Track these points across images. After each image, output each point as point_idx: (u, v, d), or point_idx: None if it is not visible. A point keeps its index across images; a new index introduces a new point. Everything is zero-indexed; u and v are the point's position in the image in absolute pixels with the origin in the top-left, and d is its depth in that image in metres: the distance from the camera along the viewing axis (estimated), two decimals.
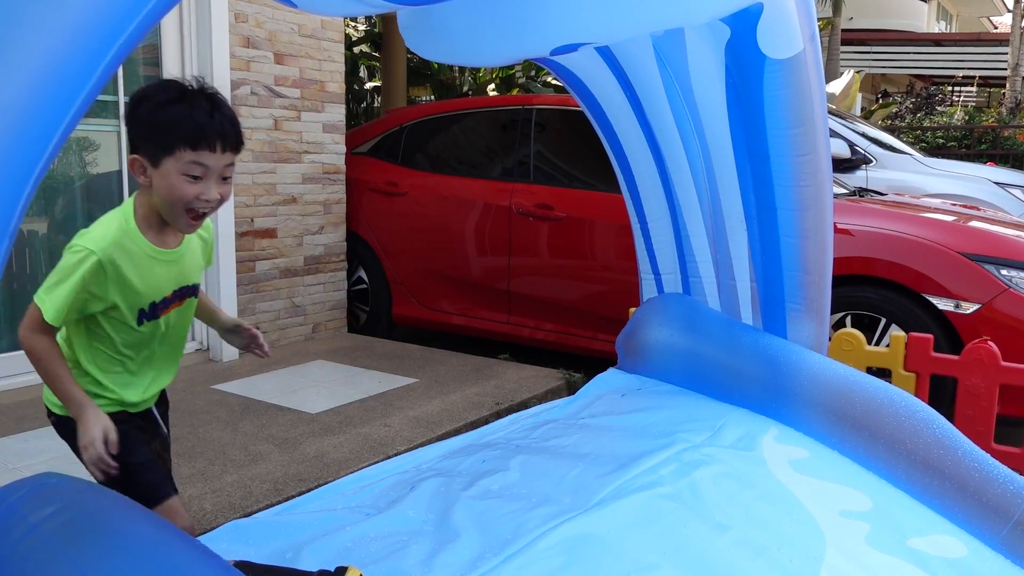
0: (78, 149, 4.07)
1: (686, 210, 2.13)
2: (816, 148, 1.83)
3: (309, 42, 4.87)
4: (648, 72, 1.90)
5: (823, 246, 1.90)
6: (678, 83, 1.89)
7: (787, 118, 1.79)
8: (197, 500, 2.72)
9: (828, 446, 1.63)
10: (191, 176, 1.65)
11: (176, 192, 1.66)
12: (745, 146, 1.88)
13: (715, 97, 1.86)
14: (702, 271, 2.20)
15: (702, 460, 1.53)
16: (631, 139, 2.08)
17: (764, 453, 1.54)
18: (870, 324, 3.65)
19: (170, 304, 1.87)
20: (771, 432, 1.64)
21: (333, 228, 5.15)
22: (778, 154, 1.83)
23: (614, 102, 2.02)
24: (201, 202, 1.67)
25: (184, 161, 1.63)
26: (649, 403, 1.92)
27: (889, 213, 3.97)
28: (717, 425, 1.69)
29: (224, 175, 1.69)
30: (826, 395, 1.68)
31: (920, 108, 15.06)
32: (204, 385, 4.05)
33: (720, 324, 2.04)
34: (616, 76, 1.96)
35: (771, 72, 1.73)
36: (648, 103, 1.97)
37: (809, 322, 1.93)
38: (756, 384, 1.79)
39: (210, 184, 1.66)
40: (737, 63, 1.76)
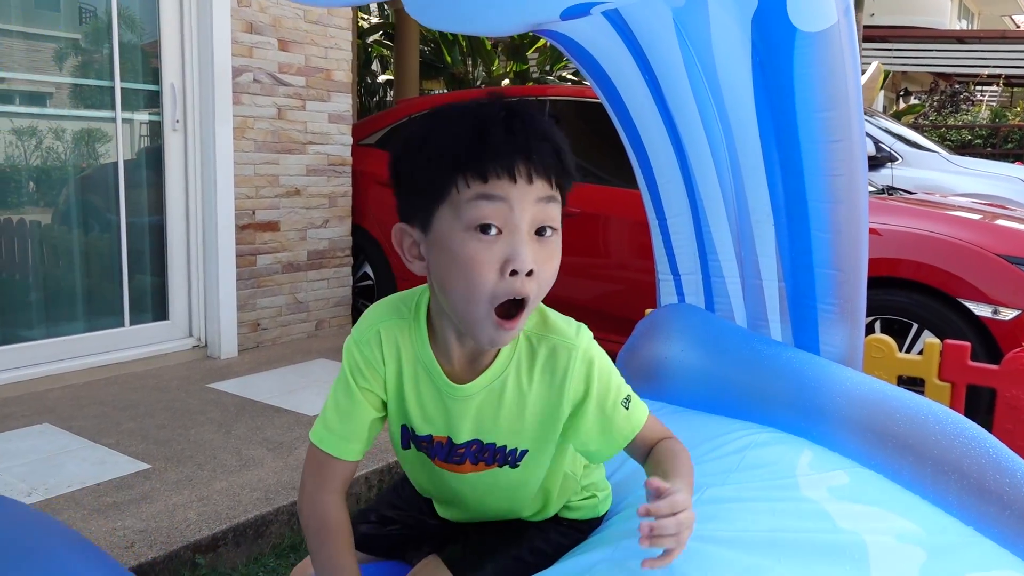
0: (73, 139, 3.93)
1: (708, 203, 1.95)
2: (850, 133, 1.65)
3: (315, 28, 4.71)
4: (667, 48, 1.71)
5: (858, 242, 1.71)
6: (699, 61, 1.71)
7: (819, 99, 1.61)
8: (182, 509, 2.56)
9: (869, 469, 1.44)
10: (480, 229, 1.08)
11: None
12: (773, 131, 1.70)
13: (740, 76, 1.67)
14: (725, 270, 2.01)
15: (729, 495, 1.34)
16: (648, 124, 1.90)
17: (799, 480, 1.36)
18: (901, 330, 3.45)
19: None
20: (805, 456, 1.45)
21: (338, 222, 4.99)
22: (809, 140, 1.65)
23: (630, 83, 1.84)
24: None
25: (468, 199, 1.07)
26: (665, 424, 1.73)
27: (920, 211, 3.78)
28: (742, 448, 1.50)
29: (539, 224, 1.09)
30: (863, 414, 1.49)
31: (944, 106, 14.77)
32: (199, 383, 3.89)
33: (738, 338, 1.85)
34: (632, 53, 1.77)
35: (802, 47, 1.54)
36: (667, 83, 1.79)
37: (843, 326, 1.75)
38: (783, 405, 1.60)
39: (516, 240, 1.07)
40: (765, 37, 1.58)
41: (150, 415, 3.41)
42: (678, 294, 2.10)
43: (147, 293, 4.23)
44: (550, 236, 1.10)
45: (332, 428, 1.28)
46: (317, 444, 1.29)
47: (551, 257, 1.11)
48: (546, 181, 1.08)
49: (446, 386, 1.24)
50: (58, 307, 3.91)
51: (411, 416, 1.29)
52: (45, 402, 3.53)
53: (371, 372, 1.27)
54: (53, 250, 3.93)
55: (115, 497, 2.63)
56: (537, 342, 1.24)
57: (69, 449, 3.02)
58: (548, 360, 1.23)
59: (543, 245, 1.10)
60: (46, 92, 3.86)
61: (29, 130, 3.79)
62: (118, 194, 4.02)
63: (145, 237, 4.18)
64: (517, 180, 1.06)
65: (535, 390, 1.24)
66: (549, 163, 1.09)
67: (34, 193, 3.83)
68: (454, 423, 1.26)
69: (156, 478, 2.79)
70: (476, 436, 1.27)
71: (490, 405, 1.24)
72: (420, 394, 1.27)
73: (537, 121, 1.10)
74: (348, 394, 1.28)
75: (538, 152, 1.07)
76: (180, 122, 4.18)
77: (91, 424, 3.28)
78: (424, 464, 1.35)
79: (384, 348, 1.26)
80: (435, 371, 1.24)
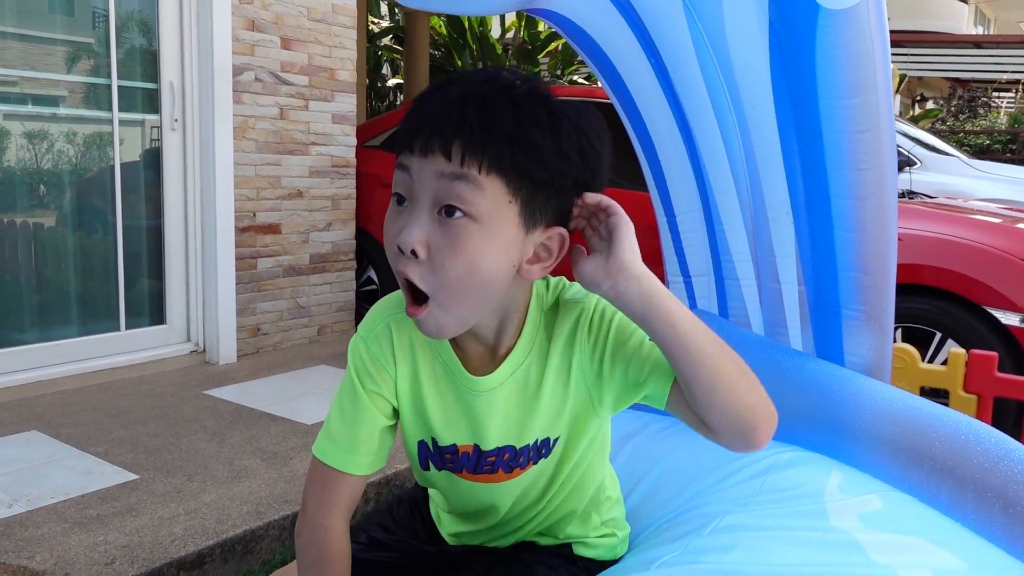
0: (69, 138, 3.82)
1: (720, 199, 1.81)
2: (878, 123, 1.51)
3: (319, 27, 4.60)
4: (674, 27, 1.58)
5: (885, 241, 1.57)
6: (710, 41, 1.57)
7: (844, 85, 1.47)
8: (167, 523, 2.44)
9: (903, 492, 1.29)
10: (395, 198, 1.02)
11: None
12: (792, 121, 1.56)
13: (756, 60, 1.54)
14: (740, 272, 1.87)
15: (750, 523, 1.20)
16: (654, 112, 1.76)
17: (828, 506, 1.22)
18: (923, 339, 3.30)
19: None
20: (834, 478, 1.31)
21: (342, 225, 4.87)
22: (832, 130, 1.51)
23: (633, 66, 1.70)
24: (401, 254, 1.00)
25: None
26: (672, 448, 1.58)
27: (941, 215, 3.63)
28: (764, 471, 1.36)
29: (441, 203, 0.97)
30: (895, 432, 1.35)
31: (962, 111, 14.58)
32: (196, 390, 3.78)
33: (755, 347, 1.70)
34: (635, 32, 1.64)
35: (825, 26, 1.41)
36: (674, 67, 1.65)
37: (869, 333, 1.61)
38: (806, 421, 1.46)
39: (411, 216, 0.99)
40: (784, 15, 1.45)
41: (142, 423, 3.29)
42: (689, 298, 1.97)
43: (144, 297, 4.12)
44: (459, 219, 0.96)
45: (336, 439, 1.15)
46: (320, 457, 1.16)
47: (453, 244, 0.97)
48: (444, 156, 0.96)
49: (467, 380, 1.12)
50: (52, 311, 3.81)
51: (432, 423, 1.16)
52: (35, 408, 3.42)
53: (379, 373, 1.15)
54: (47, 252, 3.82)
55: (99, 509, 2.51)
56: (555, 318, 1.13)
57: (55, 458, 2.90)
58: (564, 330, 1.12)
59: (445, 228, 0.97)
60: (40, 91, 3.76)
61: (22, 130, 3.69)
62: (114, 195, 3.92)
63: (142, 239, 4.07)
64: (414, 151, 0.98)
65: (556, 367, 1.12)
66: (448, 136, 0.95)
67: (28, 194, 3.73)
68: (481, 426, 1.14)
69: (143, 489, 2.67)
70: (507, 442, 1.15)
71: (517, 399, 1.13)
72: (442, 395, 1.15)
73: (468, 88, 0.97)
74: (354, 398, 1.16)
75: (434, 123, 0.96)
76: (179, 121, 4.08)
77: (81, 432, 3.16)
78: (451, 483, 1.22)
79: (396, 344, 1.15)
80: (454, 366, 1.13)
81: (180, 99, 4.07)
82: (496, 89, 0.97)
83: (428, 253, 0.97)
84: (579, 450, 1.19)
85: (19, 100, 3.69)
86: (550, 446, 1.17)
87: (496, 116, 0.95)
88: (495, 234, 0.97)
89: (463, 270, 0.97)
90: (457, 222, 0.96)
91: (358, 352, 1.17)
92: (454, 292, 0.99)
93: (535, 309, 1.13)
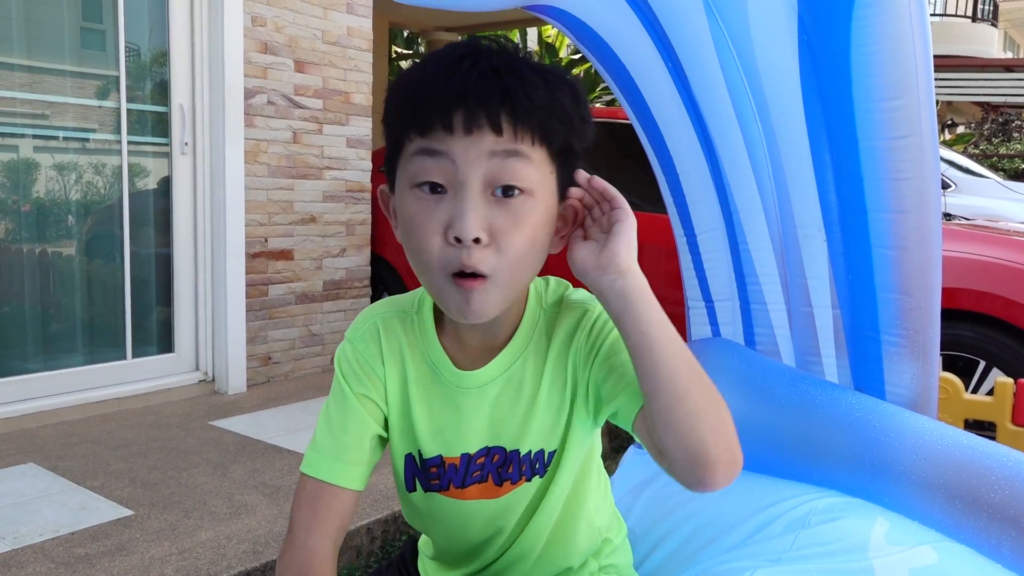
0: (76, 162, 3.74)
1: (745, 216, 1.65)
2: (920, 128, 1.36)
3: (334, 50, 4.52)
4: (694, 29, 1.44)
5: (929, 260, 1.42)
6: (733, 44, 1.43)
7: (882, 86, 1.32)
8: (158, 563, 2.30)
9: (959, 543, 1.13)
10: (425, 187, 0.94)
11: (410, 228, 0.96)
12: (824, 127, 1.42)
13: (784, 61, 1.39)
14: (767, 296, 1.70)
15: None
16: (672, 122, 1.61)
17: (874, 561, 1.05)
18: (966, 367, 3.10)
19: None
20: (879, 526, 1.14)
21: (356, 251, 4.76)
22: (869, 136, 1.36)
23: (648, 70, 1.56)
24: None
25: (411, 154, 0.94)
26: (694, 496, 1.42)
27: (980, 236, 3.45)
28: (801, 520, 1.20)
29: (497, 183, 0.92)
30: (947, 475, 1.18)
31: (995, 135, 14.33)
32: (201, 421, 3.65)
33: (786, 379, 1.54)
34: (651, 33, 1.50)
35: (861, 19, 1.26)
36: (694, 72, 1.51)
37: (912, 361, 1.44)
38: (845, 461, 1.29)
39: (463, 202, 0.91)
40: (814, 9, 1.30)
41: (143, 455, 3.17)
42: (711, 324, 1.80)
43: (152, 324, 4.01)
44: (517, 197, 0.92)
45: (323, 449, 1.07)
46: (306, 471, 1.07)
47: (516, 223, 0.92)
48: (493, 131, 0.90)
49: (455, 376, 1.07)
50: (56, 339, 3.71)
51: (418, 431, 1.09)
52: (35, 440, 3.31)
53: (368, 374, 1.08)
54: (53, 279, 3.73)
55: (88, 548, 2.38)
56: (556, 318, 1.08)
57: (49, 493, 2.78)
58: (564, 329, 1.07)
59: (505, 208, 0.92)
60: (47, 113, 3.69)
61: (28, 154, 3.62)
62: (122, 220, 3.83)
63: (151, 265, 3.98)
64: (454, 131, 0.90)
65: (552, 369, 1.07)
66: (496, 109, 0.89)
67: (33, 219, 3.64)
68: (467, 427, 1.08)
69: (136, 526, 2.54)
70: (496, 443, 1.08)
71: (509, 398, 1.07)
72: (429, 398, 1.09)
73: (493, 60, 0.91)
74: (342, 404, 1.08)
75: (478, 96, 0.89)
76: (189, 145, 3.99)
77: (78, 465, 3.04)
78: (437, 508, 1.13)
79: (384, 345, 1.09)
80: (443, 363, 1.08)
81: (191, 122, 3.99)
82: (515, 57, 0.93)
83: (490, 236, 0.92)
84: (572, 470, 1.11)
85: (26, 124, 3.62)
86: (545, 461, 1.09)
87: (532, 84, 0.91)
88: (546, 205, 0.96)
89: (526, 246, 0.94)
90: (515, 200, 0.92)
91: (345, 355, 1.10)
92: (516, 269, 0.95)
93: (534, 304, 1.09)
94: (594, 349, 1.04)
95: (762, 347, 1.72)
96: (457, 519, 1.13)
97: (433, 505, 1.13)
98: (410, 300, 1.13)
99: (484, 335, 1.07)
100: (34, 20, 3.58)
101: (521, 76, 0.91)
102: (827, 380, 1.56)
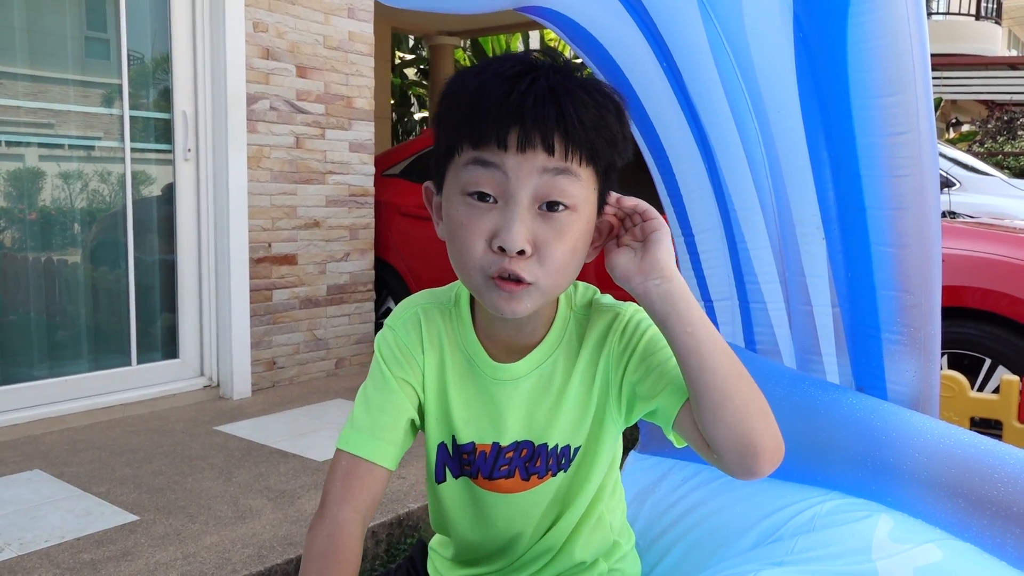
0: (79, 169, 3.76)
1: (743, 216, 1.65)
2: (918, 124, 1.35)
3: (335, 55, 4.53)
4: (689, 27, 1.43)
5: (928, 256, 1.41)
6: (728, 41, 1.43)
7: (879, 82, 1.31)
8: (163, 568, 2.30)
9: (963, 541, 1.12)
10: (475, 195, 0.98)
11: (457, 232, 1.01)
12: (821, 124, 1.41)
13: (780, 58, 1.39)
14: (766, 295, 1.70)
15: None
16: (667, 121, 1.61)
17: (877, 562, 1.05)
18: (972, 366, 3.09)
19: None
20: (883, 525, 1.14)
21: (360, 255, 4.76)
22: (866, 133, 1.35)
23: (643, 70, 1.55)
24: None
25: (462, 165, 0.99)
26: (697, 505, 1.42)
27: (984, 233, 3.43)
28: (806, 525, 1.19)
29: (545, 198, 0.96)
30: (950, 473, 1.18)
31: (1000, 132, 14.28)
32: (207, 426, 3.66)
33: (786, 381, 1.53)
34: (645, 33, 1.49)
35: (857, 15, 1.26)
36: (689, 71, 1.50)
37: (913, 359, 1.43)
38: (847, 462, 1.29)
39: (511, 214, 0.95)
40: (810, 5, 1.30)
41: (148, 461, 3.18)
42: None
43: (156, 330, 4.02)
44: (561, 212, 0.97)
45: (359, 426, 1.11)
46: (341, 447, 1.11)
47: (559, 236, 0.97)
48: (546, 151, 0.95)
49: (491, 368, 1.12)
50: (61, 346, 3.72)
51: (453, 419, 1.14)
52: (40, 447, 3.32)
53: (408, 360, 1.14)
54: (57, 286, 3.75)
55: (93, 554, 2.39)
56: (587, 320, 1.14)
57: (55, 499, 2.79)
58: (596, 332, 1.13)
59: (549, 222, 0.97)
60: (50, 121, 3.71)
61: (31, 162, 3.63)
62: (126, 226, 3.84)
63: (155, 271, 3.99)
64: (508, 148, 0.95)
65: (583, 368, 1.12)
66: (550, 130, 0.94)
67: (37, 226, 3.66)
68: (501, 417, 1.13)
69: (142, 532, 2.54)
70: (526, 436, 1.13)
71: (540, 393, 1.12)
72: (465, 387, 1.14)
73: (550, 80, 0.95)
74: (382, 385, 1.13)
75: (534, 117, 0.93)
76: (192, 151, 4.01)
77: (84, 471, 3.05)
78: (465, 496, 1.17)
79: (425, 333, 1.15)
80: (479, 355, 1.13)
81: (193, 128, 4.00)
82: (569, 76, 0.97)
83: (533, 248, 0.97)
84: (597, 468, 1.16)
85: (29, 132, 3.63)
86: (570, 456, 1.14)
87: (584, 106, 0.95)
88: (587, 219, 1.01)
89: (567, 257, 0.99)
90: (560, 215, 0.97)
91: (386, 340, 1.15)
92: (556, 277, 1.00)
93: (564, 306, 1.14)
94: (627, 350, 1.09)
95: (762, 346, 1.72)
96: (484, 512, 1.17)
97: (463, 491, 1.17)
98: (447, 294, 1.18)
99: (518, 333, 1.11)
100: (37, 30, 3.59)
101: (574, 97, 0.95)
102: (828, 381, 1.56)
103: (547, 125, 0.94)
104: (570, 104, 0.94)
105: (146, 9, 3.87)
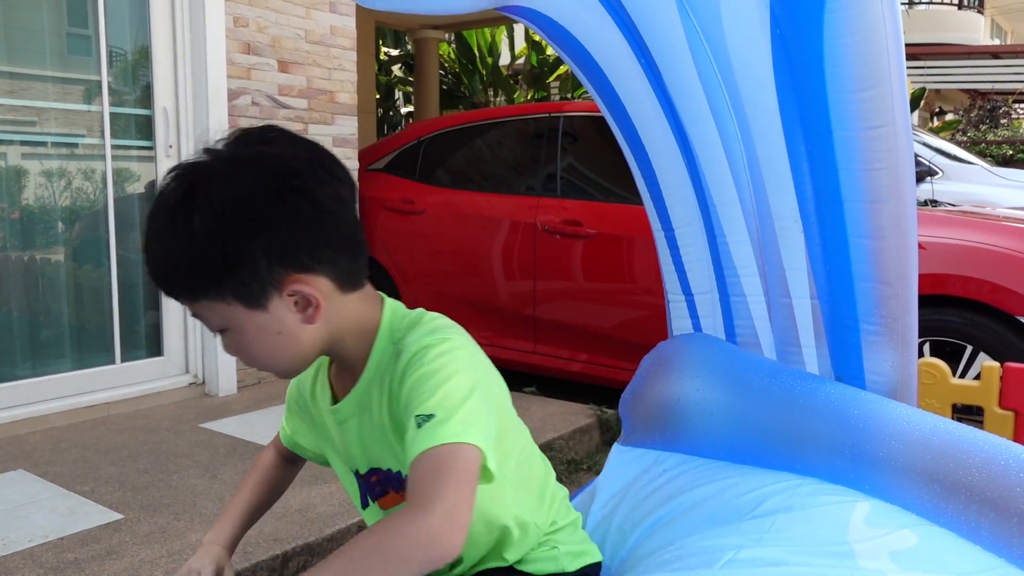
0: (59, 167, 3.73)
1: (722, 210, 1.66)
2: (893, 118, 1.36)
3: (317, 49, 4.51)
4: (667, 25, 1.44)
5: (905, 248, 1.42)
6: (706, 39, 1.43)
7: (855, 77, 1.33)
8: (148, 566, 2.30)
9: (939, 526, 1.14)
10: None
11: None
12: (798, 119, 1.42)
13: (757, 55, 1.40)
14: (746, 288, 1.71)
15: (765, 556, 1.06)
16: (647, 118, 1.62)
17: (854, 544, 1.06)
18: (953, 353, 3.12)
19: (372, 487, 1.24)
20: (859, 511, 1.16)
21: None
22: (843, 127, 1.37)
23: (621, 68, 1.56)
24: None
25: None
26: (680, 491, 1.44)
27: (967, 222, 3.46)
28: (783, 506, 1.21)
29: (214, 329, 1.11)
30: (926, 460, 1.19)
31: (983, 121, 14.37)
32: (192, 423, 3.65)
33: (766, 372, 1.55)
34: (623, 31, 1.50)
35: (834, 12, 1.27)
36: (667, 67, 1.51)
37: (891, 349, 1.45)
38: (825, 450, 1.30)
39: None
40: (787, 3, 1.30)
41: (133, 459, 3.17)
42: (692, 317, 1.81)
43: (140, 328, 4.00)
44: (228, 333, 1.09)
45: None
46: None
47: (240, 351, 1.10)
48: (167, 292, 1.09)
49: (329, 408, 1.23)
50: (44, 344, 3.70)
51: (330, 453, 1.30)
52: (23, 446, 3.30)
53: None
54: (39, 284, 3.72)
55: (78, 553, 2.38)
56: (399, 350, 1.13)
57: (39, 499, 2.77)
58: (393, 369, 1.13)
59: (230, 338, 1.10)
60: (29, 118, 3.68)
61: (11, 159, 3.60)
62: (108, 224, 3.82)
63: (138, 269, 3.96)
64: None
65: (389, 400, 1.13)
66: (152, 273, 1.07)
67: (17, 225, 3.63)
68: (351, 451, 1.22)
69: (127, 530, 2.53)
70: (373, 464, 1.21)
71: (367, 425, 1.18)
72: (327, 425, 1.27)
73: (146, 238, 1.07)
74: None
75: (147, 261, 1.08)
76: (174, 147, 3.98)
77: (68, 470, 3.04)
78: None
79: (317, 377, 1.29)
80: (323, 393, 1.25)
81: (175, 125, 3.98)
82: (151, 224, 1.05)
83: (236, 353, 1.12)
84: None
85: (5, 127, 3.60)
86: (402, 481, 1.17)
87: (152, 257, 1.05)
88: (253, 322, 1.06)
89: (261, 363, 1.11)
90: (229, 335, 1.09)
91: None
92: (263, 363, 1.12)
93: (384, 340, 1.15)
94: (402, 399, 1.07)
95: (742, 338, 1.73)
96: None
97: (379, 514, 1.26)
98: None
99: (345, 372, 1.20)
100: (16, 26, 3.56)
101: (151, 254, 1.06)
102: (807, 372, 1.57)
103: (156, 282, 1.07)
104: (151, 264, 1.06)
105: (125, 5, 3.84)
